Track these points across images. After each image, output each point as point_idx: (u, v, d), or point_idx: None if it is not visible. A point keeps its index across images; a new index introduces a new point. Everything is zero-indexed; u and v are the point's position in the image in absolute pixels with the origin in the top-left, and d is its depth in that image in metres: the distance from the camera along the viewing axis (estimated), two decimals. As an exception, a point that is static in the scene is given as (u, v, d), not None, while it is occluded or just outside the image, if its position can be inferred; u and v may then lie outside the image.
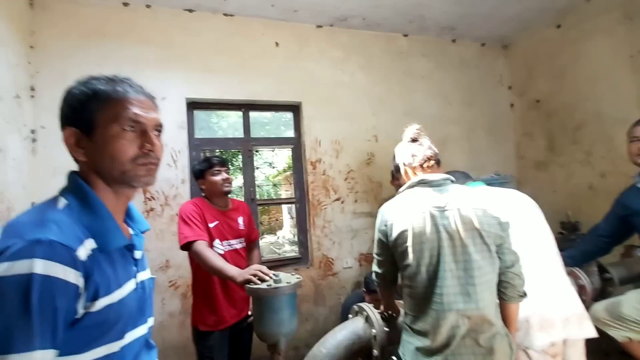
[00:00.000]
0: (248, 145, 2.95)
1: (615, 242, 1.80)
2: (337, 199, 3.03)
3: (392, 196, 2.95)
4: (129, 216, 0.82)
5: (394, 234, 1.19)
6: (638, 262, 2.34)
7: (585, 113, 3.04)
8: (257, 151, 3.06)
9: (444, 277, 1.12)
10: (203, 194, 1.98)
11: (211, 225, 1.85)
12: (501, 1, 2.94)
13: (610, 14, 2.80)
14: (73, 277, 0.59)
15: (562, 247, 2.38)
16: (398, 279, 1.34)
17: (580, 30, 3.04)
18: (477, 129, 3.61)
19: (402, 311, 1.41)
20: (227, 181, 1.91)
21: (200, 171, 1.91)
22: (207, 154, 2.76)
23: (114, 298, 0.67)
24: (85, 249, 0.63)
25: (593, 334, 1.35)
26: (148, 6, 2.65)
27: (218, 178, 1.88)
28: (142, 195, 2.54)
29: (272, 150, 3.25)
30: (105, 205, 0.71)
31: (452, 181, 1.29)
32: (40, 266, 0.56)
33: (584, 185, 3.06)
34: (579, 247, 1.95)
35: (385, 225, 1.23)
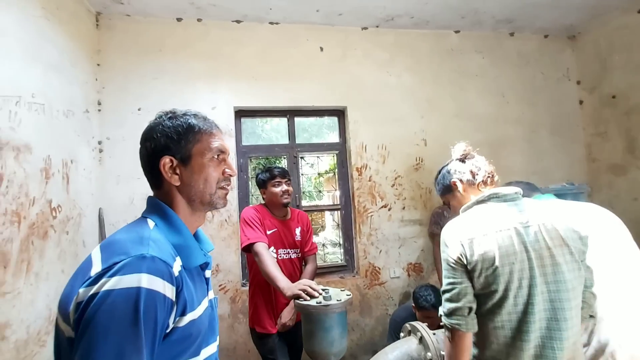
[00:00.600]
0: (293, 151, 2.95)
1: None
2: (384, 206, 2.92)
3: (442, 203, 2.79)
4: (195, 237, 0.86)
5: (476, 256, 1.04)
6: None
7: (676, 109, 2.63)
8: (302, 157, 3.05)
9: (535, 303, 0.99)
10: (264, 202, 2.07)
11: (269, 232, 1.92)
12: (569, -13, 2.64)
13: None
14: (170, 291, 0.63)
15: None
16: None
17: (669, 13, 2.64)
18: (540, 130, 3.29)
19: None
20: (287, 193, 1.97)
21: (263, 181, 1.99)
22: (257, 161, 2.80)
23: (196, 314, 0.70)
24: (177, 266, 0.68)
25: None
26: (199, 20, 2.76)
27: (278, 190, 1.95)
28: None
29: (318, 157, 3.21)
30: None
31: (522, 195, 1.16)
32: (146, 280, 0.59)
33: (674, 193, 2.65)
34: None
35: (462, 246, 1.06)
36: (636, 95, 2.90)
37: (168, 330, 0.64)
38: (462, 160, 1.28)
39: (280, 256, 1.94)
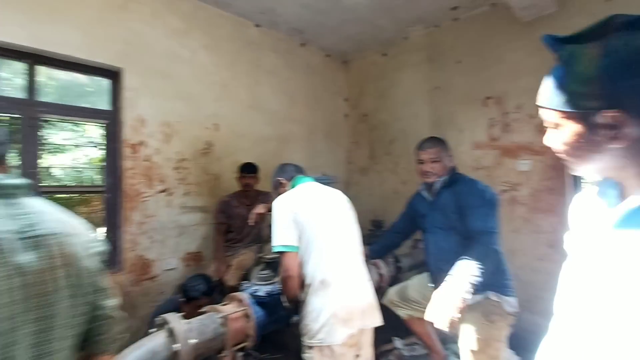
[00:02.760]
0: (33, 111, 2.16)
1: (405, 237, 2.17)
2: (163, 191, 2.60)
3: (231, 191, 2.78)
4: None
5: None
6: (420, 252, 2.97)
7: (396, 130, 3.68)
8: (48, 121, 2.29)
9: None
10: None
11: None
12: (343, 19, 3.20)
13: (419, 53, 3.48)
14: None
15: (371, 241, 2.75)
16: None
17: (398, 61, 3.67)
18: (317, 132, 3.86)
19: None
20: None
21: None
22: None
23: None
24: None
25: (381, 322, 1.54)
26: None
27: None
28: None
29: (76, 125, 2.48)
30: None
31: None
32: None
33: (391, 190, 3.70)
34: (380, 241, 2.27)
35: None
36: (377, 116, 3.88)
37: None
38: None
39: None
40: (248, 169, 2.73)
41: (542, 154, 2.65)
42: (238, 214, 2.74)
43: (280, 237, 1.50)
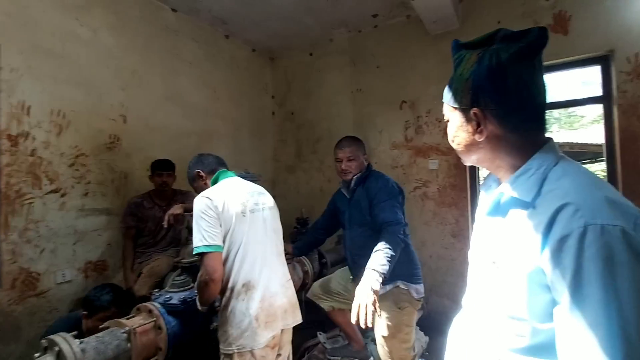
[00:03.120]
0: None
1: (328, 234, 2.21)
2: (54, 191, 2.22)
3: (142, 190, 2.52)
4: None
5: None
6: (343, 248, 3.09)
7: (322, 129, 3.76)
8: None
9: None
10: None
11: None
12: (268, 13, 3.13)
13: (342, 56, 3.59)
14: None
15: (296, 239, 2.76)
16: None
17: (324, 62, 3.74)
18: (243, 129, 3.73)
19: None
20: None
21: None
22: None
23: None
24: None
25: (300, 320, 1.54)
26: None
27: None
28: None
29: None
30: None
31: None
32: None
33: (317, 188, 3.76)
34: (304, 239, 2.29)
35: None
36: (303, 115, 3.91)
37: None
38: None
39: None
40: (163, 166, 2.50)
41: (447, 154, 2.97)
42: (151, 215, 2.50)
43: (203, 236, 1.35)
